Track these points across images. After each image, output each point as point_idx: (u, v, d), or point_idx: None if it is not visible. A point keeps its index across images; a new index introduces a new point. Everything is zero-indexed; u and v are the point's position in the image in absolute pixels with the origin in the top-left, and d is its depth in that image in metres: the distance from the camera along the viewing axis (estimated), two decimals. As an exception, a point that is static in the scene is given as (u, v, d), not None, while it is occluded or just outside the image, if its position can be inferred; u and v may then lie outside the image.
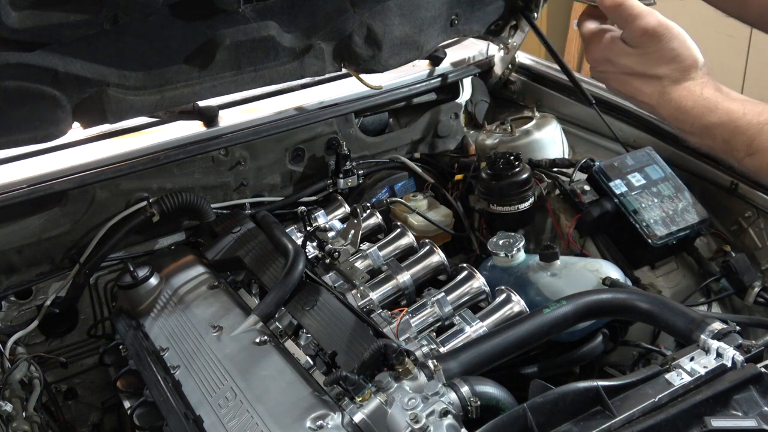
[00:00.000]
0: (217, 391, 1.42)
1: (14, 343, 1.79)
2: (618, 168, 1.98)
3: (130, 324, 1.73)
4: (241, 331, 1.57)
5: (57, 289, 1.92)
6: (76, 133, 1.88)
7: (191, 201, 1.98)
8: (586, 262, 1.76)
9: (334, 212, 2.13)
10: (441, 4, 1.92)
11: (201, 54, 1.65)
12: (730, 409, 1.13)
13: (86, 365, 2.03)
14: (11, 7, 1.34)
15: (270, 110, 2.15)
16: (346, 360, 1.40)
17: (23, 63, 1.44)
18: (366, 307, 1.66)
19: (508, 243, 1.80)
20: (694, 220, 1.90)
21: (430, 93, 2.45)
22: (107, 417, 2.04)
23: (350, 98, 2.23)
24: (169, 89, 1.67)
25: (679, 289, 1.93)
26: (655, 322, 1.43)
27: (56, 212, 1.90)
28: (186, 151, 1.98)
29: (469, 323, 1.56)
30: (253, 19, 1.66)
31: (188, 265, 1.87)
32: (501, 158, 2.04)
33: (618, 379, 1.17)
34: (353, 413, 1.24)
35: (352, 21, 1.78)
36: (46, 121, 1.55)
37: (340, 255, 1.82)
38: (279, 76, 1.80)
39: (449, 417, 1.17)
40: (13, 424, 1.44)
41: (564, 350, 1.62)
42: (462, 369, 1.31)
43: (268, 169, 2.20)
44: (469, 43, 2.52)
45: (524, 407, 1.12)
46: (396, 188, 2.35)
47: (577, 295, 1.46)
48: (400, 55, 1.92)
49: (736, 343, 1.20)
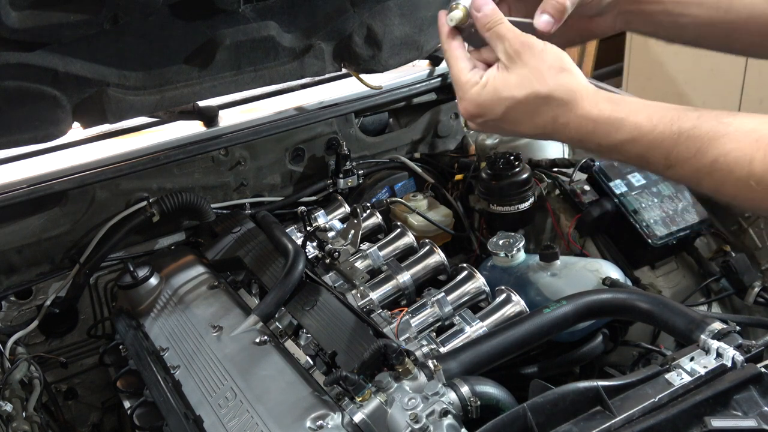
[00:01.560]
0: (217, 391, 1.42)
1: (14, 343, 1.79)
2: (618, 168, 1.98)
3: (130, 324, 1.73)
4: (241, 331, 1.57)
5: (57, 289, 1.92)
6: (76, 133, 1.88)
7: (191, 201, 1.98)
8: (586, 262, 1.76)
9: (334, 212, 2.13)
10: (441, 4, 1.92)
11: (201, 54, 1.66)
12: (730, 409, 1.12)
13: (86, 365, 2.03)
14: (11, 7, 1.34)
15: (270, 110, 2.15)
16: (346, 360, 1.40)
17: (23, 63, 1.44)
18: (366, 307, 1.66)
19: (508, 243, 1.80)
20: (694, 220, 1.90)
21: (430, 93, 2.45)
22: (107, 417, 2.04)
23: (350, 98, 2.23)
24: (169, 89, 1.67)
25: (679, 289, 1.93)
26: (655, 322, 1.43)
27: (56, 212, 1.90)
28: (186, 151, 1.99)
29: (469, 323, 1.56)
30: (253, 19, 1.66)
31: (188, 265, 1.87)
32: (501, 158, 2.04)
33: (618, 379, 1.17)
34: (353, 413, 1.24)
35: (352, 21, 1.79)
36: (46, 121, 1.55)
37: (340, 255, 1.82)
38: (279, 76, 1.80)
39: (449, 417, 1.17)
40: (13, 424, 1.44)
41: (564, 350, 1.62)
42: (462, 369, 1.30)
43: (268, 169, 2.20)
44: (469, 43, 2.52)
45: (524, 407, 1.12)
46: (396, 188, 2.35)
47: (577, 295, 1.46)
48: (400, 55, 1.93)
49: (736, 343, 1.20)
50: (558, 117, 1.05)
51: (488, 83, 1.07)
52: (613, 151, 1.05)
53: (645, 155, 1.02)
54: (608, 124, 1.03)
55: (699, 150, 0.97)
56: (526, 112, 1.06)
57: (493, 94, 1.07)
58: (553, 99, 1.04)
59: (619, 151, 1.04)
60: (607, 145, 1.04)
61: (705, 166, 0.98)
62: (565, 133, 1.06)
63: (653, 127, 1.01)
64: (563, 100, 1.04)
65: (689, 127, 0.99)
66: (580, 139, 1.06)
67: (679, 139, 0.99)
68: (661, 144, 1.00)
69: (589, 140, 1.05)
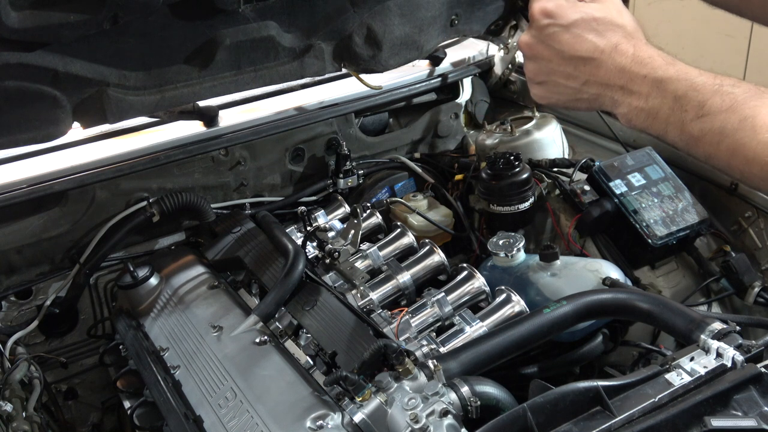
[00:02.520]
0: (217, 391, 1.42)
1: (14, 343, 1.79)
2: (618, 168, 1.98)
3: (130, 324, 1.73)
4: (241, 331, 1.57)
5: (57, 289, 1.92)
6: (76, 133, 1.88)
7: (191, 201, 1.98)
8: (586, 262, 1.76)
9: (334, 212, 2.13)
10: (441, 4, 1.92)
11: (201, 54, 1.65)
12: (730, 409, 1.12)
13: (86, 365, 2.03)
14: (11, 7, 1.34)
15: (270, 110, 2.15)
16: (346, 360, 1.40)
17: (23, 63, 1.44)
18: (366, 307, 1.66)
19: (508, 243, 1.80)
20: (694, 220, 1.90)
21: (430, 93, 2.45)
22: (107, 417, 2.03)
23: (350, 98, 2.23)
24: (169, 89, 1.67)
25: (679, 289, 1.93)
26: (655, 322, 1.43)
27: (56, 212, 1.90)
28: (186, 151, 1.99)
29: (469, 323, 1.56)
30: (253, 19, 1.66)
31: (188, 265, 1.87)
32: (501, 158, 2.04)
33: (618, 379, 1.17)
34: (353, 413, 1.24)
35: (352, 21, 1.78)
36: (46, 121, 1.55)
37: (340, 255, 1.82)
38: (279, 76, 1.80)
39: (449, 417, 1.17)
40: (13, 424, 1.44)
41: (564, 350, 1.62)
42: (462, 369, 1.31)
43: (268, 169, 2.20)
44: (469, 43, 2.52)
45: (524, 407, 1.12)
46: (396, 188, 2.35)
47: (577, 295, 1.46)
48: (400, 55, 1.92)
49: (736, 343, 1.20)
50: (620, 43, 1.15)
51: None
52: (657, 86, 1.12)
53: (682, 98, 1.09)
54: (662, 58, 1.13)
55: (732, 106, 1.04)
56: (595, 29, 1.16)
57: (575, 2, 1.18)
58: (624, 29, 1.16)
59: (661, 86, 1.11)
60: (653, 78, 1.12)
61: (733, 122, 1.04)
62: (618, 61, 1.15)
63: (699, 73, 1.10)
64: (631, 32, 1.16)
65: (730, 83, 1.07)
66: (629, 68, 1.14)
67: (718, 90, 1.07)
68: (702, 89, 1.08)
69: (637, 71, 1.13)
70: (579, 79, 1.19)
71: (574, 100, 1.24)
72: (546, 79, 1.24)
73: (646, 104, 1.14)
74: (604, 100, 1.19)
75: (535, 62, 1.24)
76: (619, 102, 1.17)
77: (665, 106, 1.12)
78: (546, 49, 1.21)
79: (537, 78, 1.25)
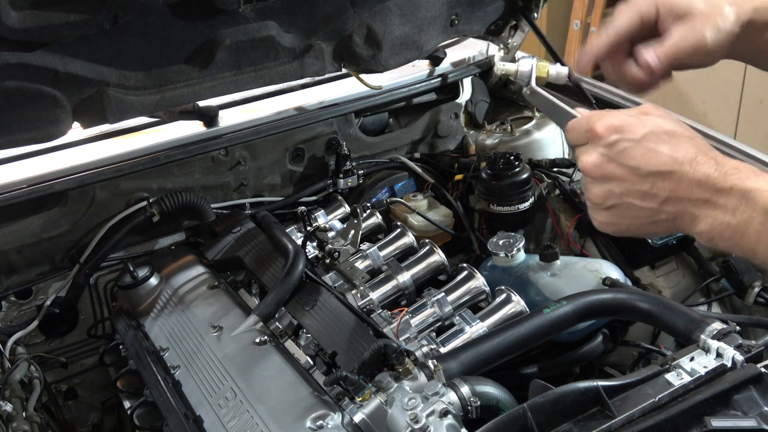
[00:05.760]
0: (217, 391, 1.42)
1: (14, 343, 1.79)
2: (618, 168, 1.98)
3: (130, 324, 1.73)
4: (241, 331, 1.57)
5: (57, 289, 1.92)
6: (76, 133, 1.88)
7: (191, 201, 1.98)
8: (586, 262, 1.76)
9: (334, 212, 2.13)
10: (441, 4, 1.92)
11: (201, 54, 1.66)
12: (730, 409, 1.13)
13: (86, 365, 2.03)
14: (11, 7, 1.34)
15: (270, 110, 2.15)
16: (346, 360, 1.40)
17: (23, 63, 1.44)
18: (366, 307, 1.66)
19: (508, 243, 1.80)
20: (694, 220, 1.90)
21: (430, 93, 2.45)
22: (107, 417, 2.04)
23: (350, 98, 2.23)
24: (169, 89, 1.67)
25: (679, 289, 1.92)
26: (655, 322, 1.43)
27: (56, 212, 1.90)
28: (186, 151, 1.99)
29: (469, 323, 1.56)
30: (253, 19, 1.66)
31: (188, 265, 1.87)
32: (501, 158, 2.04)
33: (618, 379, 1.17)
34: (353, 413, 1.24)
35: (352, 21, 1.79)
36: (46, 121, 1.55)
37: (340, 255, 1.82)
38: (279, 76, 1.80)
39: (449, 417, 1.17)
40: (13, 424, 1.44)
41: (564, 350, 1.62)
42: (462, 369, 1.31)
43: (268, 169, 2.20)
44: (469, 43, 2.52)
45: (524, 407, 1.12)
46: (396, 188, 2.35)
47: (577, 295, 1.46)
48: (400, 55, 1.93)
49: (736, 343, 1.20)
50: (698, 155, 1.03)
51: (637, 109, 1.10)
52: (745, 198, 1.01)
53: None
54: (747, 168, 1.03)
55: None
56: (667, 141, 1.05)
57: (640, 117, 1.08)
58: (695, 140, 1.05)
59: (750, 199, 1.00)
60: (741, 189, 1.00)
61: None
62: (700, 172, 1.03)
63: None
64: (703, 144, 1.05)
65: None
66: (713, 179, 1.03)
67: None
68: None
69: (723, 182, 1.02)
70: (657, 198, 1.06)
71: (649, 224, 1.09)
72: (618, 202, 1.08)
73: (733, 219, 1.01)
74: (684, 218, 1.06)
75: (605, 184, 1.08)
76: (701, 218, 1.04)
77: (755, 220, 0.99)
78: (618, 168, 1.06)
79: (607, 202, 1.09)
